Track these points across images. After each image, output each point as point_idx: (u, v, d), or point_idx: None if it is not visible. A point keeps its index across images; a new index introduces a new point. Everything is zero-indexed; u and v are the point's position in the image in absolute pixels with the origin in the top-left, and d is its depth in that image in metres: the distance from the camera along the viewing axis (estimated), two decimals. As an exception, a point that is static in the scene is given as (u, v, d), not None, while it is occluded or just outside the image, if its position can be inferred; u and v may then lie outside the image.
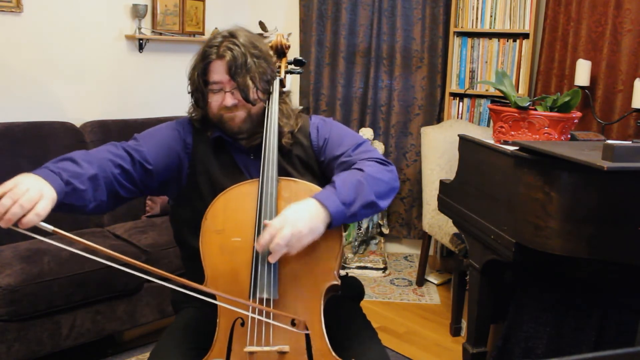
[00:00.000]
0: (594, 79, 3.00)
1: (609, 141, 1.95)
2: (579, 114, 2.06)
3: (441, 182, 2.42)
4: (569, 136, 2.09)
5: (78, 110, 3.06)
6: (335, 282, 1.32)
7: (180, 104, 3.49)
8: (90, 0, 3.05)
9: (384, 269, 3.56)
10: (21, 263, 2.16)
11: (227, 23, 4.01)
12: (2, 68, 2.78)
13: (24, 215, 1.07)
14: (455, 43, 3.56)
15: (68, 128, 2.81)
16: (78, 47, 3.03)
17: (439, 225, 3.03)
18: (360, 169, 1.41)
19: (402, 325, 2.90)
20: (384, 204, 1.40)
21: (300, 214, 1.26)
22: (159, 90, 3.43)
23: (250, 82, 1.43)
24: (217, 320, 1.30)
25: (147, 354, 2.47)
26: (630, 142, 1.90)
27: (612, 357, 0.77)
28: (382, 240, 3.74)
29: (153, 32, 3.29)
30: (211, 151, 1.50)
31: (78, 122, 2.92)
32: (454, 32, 3.54)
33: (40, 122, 2.74)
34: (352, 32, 3.74)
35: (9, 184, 1.10)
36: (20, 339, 2.12)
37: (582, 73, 2.94)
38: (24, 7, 2.80)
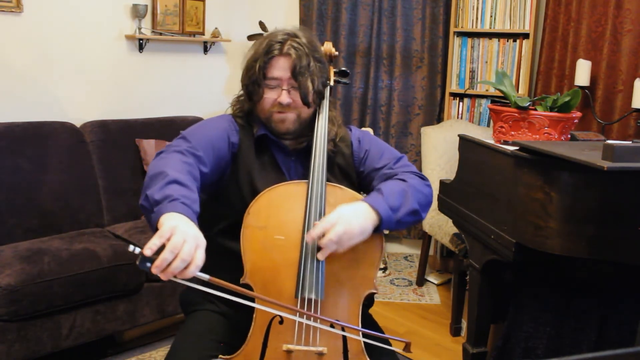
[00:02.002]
0: (594, 79, 3.00)
1: (609, 141, 1.95)
2: (579, 114, 2.06)
3: (441, 182, 2.42)
4: (569, 136, 2.09)
5: (78, 110, 3.06)
6: (374, 291, 1.36)
7: (180, 104, 3.51)
8: (90, 0, 3.05)
9: (384, 269, 3.56)
10: (21, 263, 2.16)
11: (227, 23, 4.02)
12: (2, 68, 2.78)
13: (185, 268, 1.08)
14: (455, 43, 3.56)
15: (68, 128, 2.81)
16: (78, 47, 3.03)
17: (439, 225, 3.03)
18: (404, 180, 1.46)
19: (402, 325, 2.90)
20: (424, 214, 1.46)
21: (354, 213, 1.30)
22: (159, 90, 3.43)
23: (310, 84, 1.44)
24: (254, 316, 1.30)
25: (147, 354, 2.48)
26: (630, 142, 1.90)
27: (612, 357, 0.77)
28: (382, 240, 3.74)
29: (153, 32, 3.29)
30: (254, 149, 1.49)
31: (78, 122, 2.92)
32: (454, 32, 3.54)
33: (40, 122, 2.74)
34: (352, 32, 3.74)
35: (164, 232, 1.08)
36: (20, 339, 2.12)
37: (582, 73, 2.94)
38: (24, 7, 2.80)
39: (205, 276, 1.12)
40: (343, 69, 1.72)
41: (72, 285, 2.21)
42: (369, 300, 1.50)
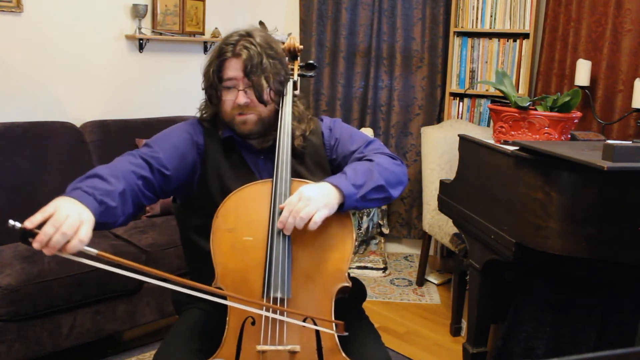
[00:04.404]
0: (594, 79, 3.00)
1: (609, 141, 1.95)
2: (579, 114, 2.06)
3: (441, 182, 2.42)
4: (569, 136, 2.09)
5: (78, 110, 3.06)
6: (347, 284, 1.35)
7: (180, 104, 3.51)
8: (90, 0, 3.05)
9: (384, 269, 3.56)
10: (21, 263, 2.16)
11: (227, 23, 4.03)
12: (3, 68, 2.78)
13: (67, 242, 1.08)
14: (455, 43, 3.56)
15: (68, 128, 2.81)
16: (78, 47, 3.03)
17: (439, 225, 3.03)
18: (370, 160, 1.47)
19: (402, 325, 2.90)
20: (394, 192, 1.45)
21: (316, 191, 1.32)
22: (159, 90, 3.43)
23: (264, 82, 1.44)
24: (227, 319, 1.30)
25: (147, 354, 2.48)
26: (630, 142, 1.90)
27: (612, 357, 0.77)
28: (382, 240, 3.74)
29: (153, 32, 3.29)
30: (221, 150, 1.50)
31: (78, 122, 2.92)
32: (454, 32, 3.54)
33: (40, 122, 2.74)
34: (352, 32, 3.74)
35: (48, 209, 1.09)
36: (20, 339, 2.12)
37: (582, 73, 2.94)
38: (24, 7, 2.80)
39: (92, 250, 1.10)
40: (310, 62, 1.70)
41: (72, 285, 2.21)
42: (352, 294, 1.48)
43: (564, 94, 2.06)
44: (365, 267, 3.54)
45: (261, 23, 3.57)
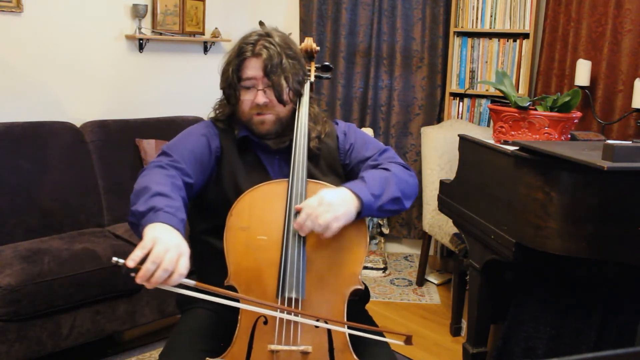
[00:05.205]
0: (594, 79, 3.00)
1: (609, 141, 1.96)
2: (579, 114, 2.06)
3: (441, 182, 2.42)
4: (569, 136, 2.10)
5: (78, 110, 3.06)
6: (360, 287, 1.35)
7: (180, 104, 3.51)
8: (90, 0, 3.05)
9: (384, 269, 3.56)
10: (21, 263, 2.16)
11: (227, 23, 4.03)
12: (3, 68, 2.78)
13: (168, 276, 1.10)
14: (455, 43, 3.56)
15: (68, 128, 2.81)
16: (78, 47, 3.03)
17: (439, 225, 3.03)
18: (387, 169, 1.47)
19: (402, 325, 2.90)
20: (407, 204, 1.46)
21: (336, 197, 1.32)
22: (159, 90, 3.43)
23: (284, 82, 1.44)
24: (239, 318, 1.30)
25: (147, 354, 2.48)
26: (630, 142, 1.90)
27: (612, 357, 0.77)
28: (382, 240, 3.74)
29: (153, 32, 3.29)
30: (237, 150, 1.50)
31: (78, 122, 2.92)
32: (454, 32, 3.54)
33: (40, 122, 2.74)
34: (352, 32, 3.74)
35: (146, 243, 1.10)
36: (21, 339, 2.12)
37: (582, 73, 2.94)
38: (24, 7, 2.80)
39: (191, 282, 1.13)
40: (326, 63, 1.70)
41: (72, 285, 2.21)
42: (361, 296, 1.49)
43: (564, 94, 2.06)
44: (365, 267, 3.54)
45: (261, 23, 3.57)
